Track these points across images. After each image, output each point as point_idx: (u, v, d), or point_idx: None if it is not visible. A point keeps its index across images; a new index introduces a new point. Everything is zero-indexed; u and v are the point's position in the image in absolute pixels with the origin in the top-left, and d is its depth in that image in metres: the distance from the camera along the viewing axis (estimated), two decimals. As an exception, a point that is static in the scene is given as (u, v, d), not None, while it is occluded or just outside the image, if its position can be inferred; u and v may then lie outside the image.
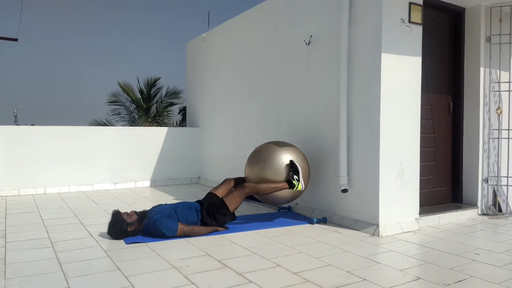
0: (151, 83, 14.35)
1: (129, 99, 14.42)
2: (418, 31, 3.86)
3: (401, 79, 3.77)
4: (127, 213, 3.49)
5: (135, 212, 3.55)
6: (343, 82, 3.92)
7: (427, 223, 3.96)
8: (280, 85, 5.08)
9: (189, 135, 7.45)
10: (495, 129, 4.60)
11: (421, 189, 3.97)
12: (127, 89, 14.27)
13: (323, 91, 4.31)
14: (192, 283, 2.44)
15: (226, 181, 4.05)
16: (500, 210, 4.54)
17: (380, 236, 3.55)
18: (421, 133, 3.97)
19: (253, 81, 5.69)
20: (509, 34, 4.51)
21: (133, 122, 14.23)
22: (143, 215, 3.55)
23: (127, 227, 3.41)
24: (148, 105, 14.39)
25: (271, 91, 5.26)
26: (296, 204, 4.66)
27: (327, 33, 4.25)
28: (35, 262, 2.84)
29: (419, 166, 3.93)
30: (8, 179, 5.90)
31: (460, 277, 2.57)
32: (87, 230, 3.77)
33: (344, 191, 3.92)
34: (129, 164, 6.81)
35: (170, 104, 14.76)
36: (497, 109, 4.60)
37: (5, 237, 3.49)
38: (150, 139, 7.07)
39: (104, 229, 3.63)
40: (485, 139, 4.55)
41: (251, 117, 5.76)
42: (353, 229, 3.81)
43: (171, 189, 6.62)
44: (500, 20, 4.49)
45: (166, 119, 14.64)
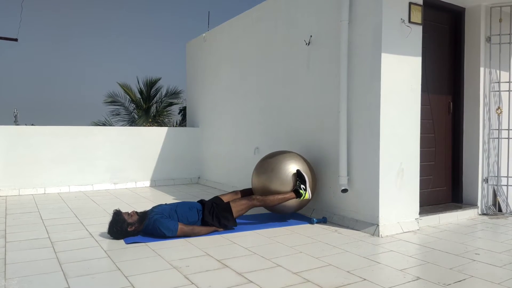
0: (151, 83, 14.33)
1: (129, 99, 14.40)
2: (418, 31, 3.86)
3: (401, 79, 3.77)
4: (128, 213, 3.49)
5: (136, 212, 3.55)
6: (343, 82, 3.92)
7: (427, 223, 3.97)
8: (280, 85, 5.08)
9: (189, 135, 7.46)
10: (495, 129, 4.60)
11: (421, 189, 3.97)
12: (126, 89, 14.25)
13: (323, 91, 4.31)
14: (192, 283, 2.45)
15: (234, 192, 4.28)
16: (500, 210, 4.54)
17: (380, 236, 3.55)
18: (421, 133, 3.97)
19: (253, 81, 5.69)
20: (509, 34, 4.51)
21: (132, 122, 14.21)
22: (144, 215, 3.55)
23: (127, 227, 3.41)
24: (148, 105, 14.37)
25: (271, 91, 5.26)
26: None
27: (327, 33, 4.25)
28: (35, 262, 2.84)
29: (419, 166, 3.93)
30: (8, 179, 5.90)
31: (460, 277, 2.57)
32: (87, 230, 3.77)
33: (344, 191, 3.92)
34: (129, 164, 6.81)
35: (170, 104, 14.74)
36: (497, 109, 4.60)
37: (5, 237, 3.49)
38: (150, 139, 7.08)
39: (104, 229, 3.63)
40: (485, 139, 4.55)
41: (251, 117, 5.76)
42: (353, 229, 3.81)
43: (171, 189, 6.62)
44: (500, 20, 4.49)
45: (166, 119, 14.63)
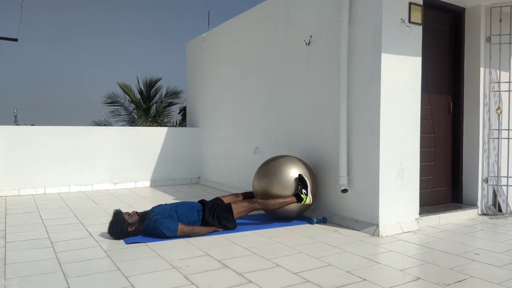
0: (151, 83, 14.32)
1: (129, 99, 14.39)
2: (418, 31, 3.86)
3: (401, 79, 3.77)
4: (128, 213, 3.49)
5: (136, 212, 3.55)
6: (343, 82, 3.92)
7: (427, 223, 3.97)
8: (280, 85, 5.07)
9: (189, 135, 7.46)
10: (495, 129, 4.60)
11: (421, 189, 3.97)
12: (126, 89, 14.25)
13: (323, 91, 4.31)
14: (192, 283, 2.44)
15: (235, 194, 4.29)
16: (500, 210, 4.54)
17: (380, 236, 3.55)
18: (421, 133, 3.97)
19: (253, 81, 5.69)
20: (509, 34, 4.51)
21: (132, 122, 14.20)
22: (144, 215, 3.55)
23: (127, 227, 3.41)
24: (148, 105, 14.37)
25: (271, 91, 5.26)
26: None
27: (327, 33, 4.25)
28: (35, 262, 2.84)
29: (419, 166, 3.93)
30: (8, 179, 5.90)
31: (460, 277, 2.57)
32: (87, 230, 3.77)
33: (344, 191, 3.92)
34: (129, 164, 6.81)
35: (170, 104, 14.74)
36: (497, 109, 4.60)
37: (5, 237, 3.49)
38: (150, 139, 7.08)
39: (104, 229, 3.63)
40: (485, 139, 4.55)
41: (251, 117, 5.76)
42: (353, 229, 3.81)
43: (171, 189, 6.62)
44: (500, 20, 4.49)
45: (166, 119, 14.62)
